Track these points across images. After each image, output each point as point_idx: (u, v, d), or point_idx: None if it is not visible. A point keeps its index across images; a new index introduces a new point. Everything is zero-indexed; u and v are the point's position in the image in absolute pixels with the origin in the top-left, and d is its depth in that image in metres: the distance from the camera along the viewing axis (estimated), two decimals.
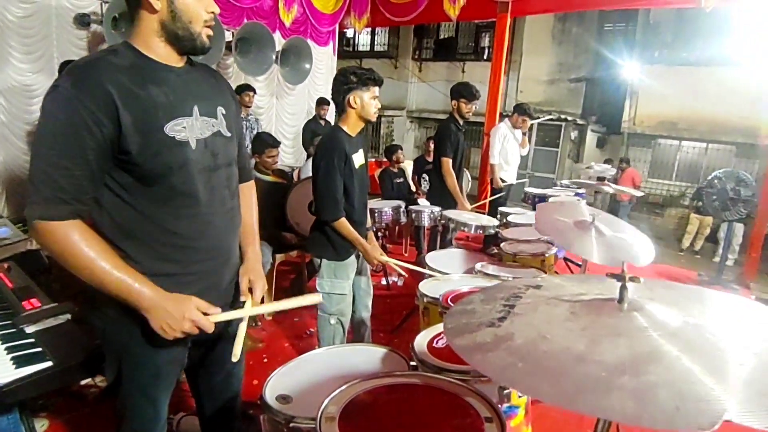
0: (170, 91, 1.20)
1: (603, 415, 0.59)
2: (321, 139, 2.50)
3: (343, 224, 2.31)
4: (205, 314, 1.21)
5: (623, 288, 0.84)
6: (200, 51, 1.25)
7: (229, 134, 1.34)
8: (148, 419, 1.38)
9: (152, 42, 1.19)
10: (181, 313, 1.16)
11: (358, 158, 2.37)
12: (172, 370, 1.38)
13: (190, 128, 1.22)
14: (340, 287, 2.41)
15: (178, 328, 1.16)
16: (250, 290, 1.44)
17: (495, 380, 0.86)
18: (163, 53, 1.21)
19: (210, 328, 1.21)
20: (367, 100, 2.26)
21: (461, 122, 4.06)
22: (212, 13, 1.23)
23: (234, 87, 4.94)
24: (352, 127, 2.35)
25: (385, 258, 2.49)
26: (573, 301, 0.88)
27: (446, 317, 0.92)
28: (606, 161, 10.02)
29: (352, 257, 2.44)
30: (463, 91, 3.96)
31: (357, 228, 2.36)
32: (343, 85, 2.27)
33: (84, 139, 1.08)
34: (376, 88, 2.29)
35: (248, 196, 1.56)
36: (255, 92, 5.68)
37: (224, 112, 1.33)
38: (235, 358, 1.31)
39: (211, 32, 1.25)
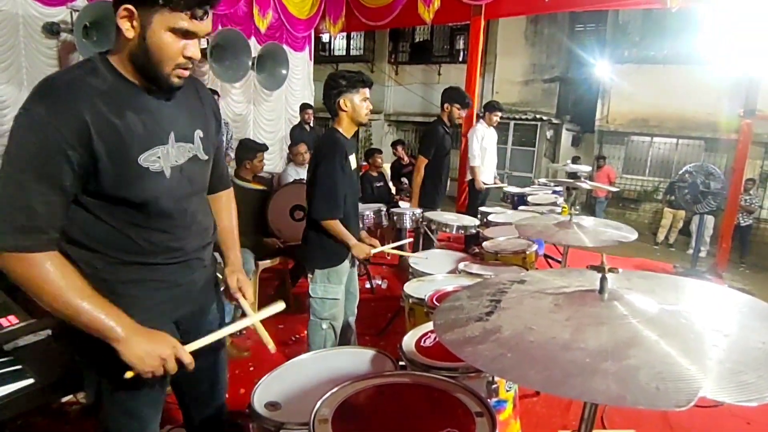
0: (148, 118, 1.14)
1: (589, 397, 0.62)
2: (320, 140, 2.50)
3: (335, 224, 2.30)
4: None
5: (603, 279, 0.88)
6: (166, 90, 1.17)
7: (205, 157, 1.30)
8: None
9: (127, 65, 1.12)
10: (157, 352, 1.12)
11: (352, 161, 2.39)
12: (155, 383, 1.30)
13: (165, 157, 1.17)
14: (333, 292, 2.40)
15: (151, 365, 1.12)
16: (240, 290, 1.46)
17: (486, 371, 0.88)
18: (138, 78, 1.14)
19: (188, 359, 1.17)
20: (358, 103, 2.28)
21: (449, 125, 4.14)
22: (189, 58, 1.12)
23: None
24: (346, 129, 2.35)
25: (374, 250, 2.49)
26: (556, 293, 0.91)
27: (435, 314, 0.94)
28: (573, 159, 10.24)
29: (346, 262, 2.44)
30: (457, 98, 4.06)
31: (349, 229, 2.37)
32: (332, 90, 2.28)
33: (60, 165, 1.03)
34: (366, 90, 2.30)
35: (227, 203, 1.54)
36: (219, 95, 5.43)
37: (202, 135, 1.28)
38: (272, 349, 1.35)
39: (185, 74, 1.15)
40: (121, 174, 1.11)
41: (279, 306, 1.44)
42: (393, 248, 2.80)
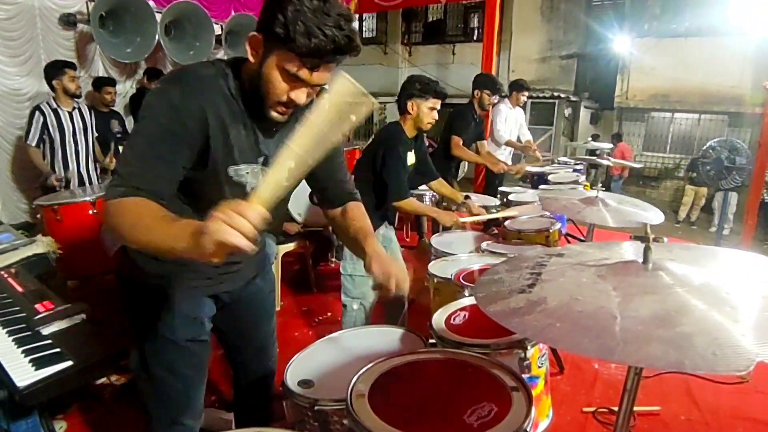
0: (253, 136, 1.19)
1: (647, 363, 0.62)
2: (382, 131, 2.64)
3: (410, 202, 2.48)
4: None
5: (647, 249, 0.86)
6: (264, 120, 1.18)
7: None
8: (177, 397, 1.39)
9: (246, 83, 1.16)
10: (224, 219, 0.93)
11: (410, 158, 2.50)
12: (197, 347, 1.39)
13: (253, 174, 1.22)
14: (362, 269, 2.43)
15: (231, 232, 0.91)
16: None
17: (537, 340, 0.88)
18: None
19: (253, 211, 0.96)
20: (424, 110, 2.40)
21: (478, 112, 4.08)
22: (292, 101, 1.12)
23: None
24: (408, 128, 2.48)
25: (463, 219, 2.70)
26: (598, 265, 0.90)
27: (476, 287, 0.94)
28: (593, 137, 10.05)
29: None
30: (488, 83, 4.01)
31: (380, 219, 2.47)
32: (405, 90, 2.42)
33: (181, 150, 1.09)
34: (435, 101, 2.40)
35: (360, 211, 1.45)
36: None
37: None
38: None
39: (285, 111, 1.15)
40: (208, 175, 1.16)
41: None
42: (479, 220, 2.97)
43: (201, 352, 1.42)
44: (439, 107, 2.43)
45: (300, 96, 1.11)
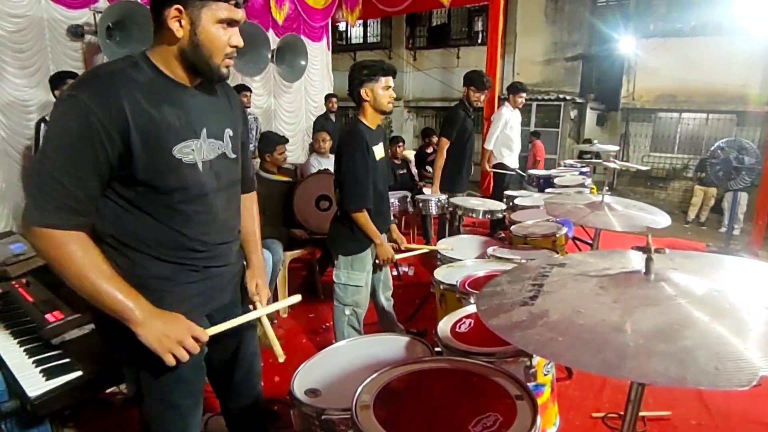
0: (183, 112, 1.19)
1: (648, 379, 0.62)
2: (342, 133, 2.55)
3: (363, 217, 2.35)
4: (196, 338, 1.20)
5: (649, 259, 0.86)
6: (216, 81, 1.26)
7: (233, 156, 1.34)
8: (174, 427, 1.36)
9: (170, 62, 1.18)
10: (174, 333, 1.15)
11: (378, 151, 2.41)
12: (193, 375, 1.35)
13: (198, 150, 1.22)
14: (356, 279, 2.44)
15: (170, 346, 1.14)
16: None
17: (539, 355, 0.88)
18: (179, 74, 1.20)
19: (204, 337, 1.21)
20: (379, 92, 2.29)
21: (471, 109, 4.08)
22: (235, 46, 1.20)
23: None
24: (370, 119, 2.38)
25: (399, 256, 2.58)
26: (600, 275, 0.90)
27: (478, 299, 0.94)
28: (585, 141, 10.00)
29: (369, 249, 2.46)
30: (474, 80, 3.98)
31: (375, 219, 2.40)
32: (354, 80, 2.31)
33: (98, 152, 1.07)
34: (387, 78, 2.30)
35: (250, 206, 1.58)
36: (251, 91, 5.71)
37: (231, 134, 1.33)
38: (281, 358, 1.40)
39: (231, 63, 1.23)
40: (154, 163, 1.15)
41: (293, 299, 1.51)
42: (419, 252, 2.97)
43: (197, 379, 1.39)
44: (392, 84, 2.33)
45: (239, 39, 1.20)
